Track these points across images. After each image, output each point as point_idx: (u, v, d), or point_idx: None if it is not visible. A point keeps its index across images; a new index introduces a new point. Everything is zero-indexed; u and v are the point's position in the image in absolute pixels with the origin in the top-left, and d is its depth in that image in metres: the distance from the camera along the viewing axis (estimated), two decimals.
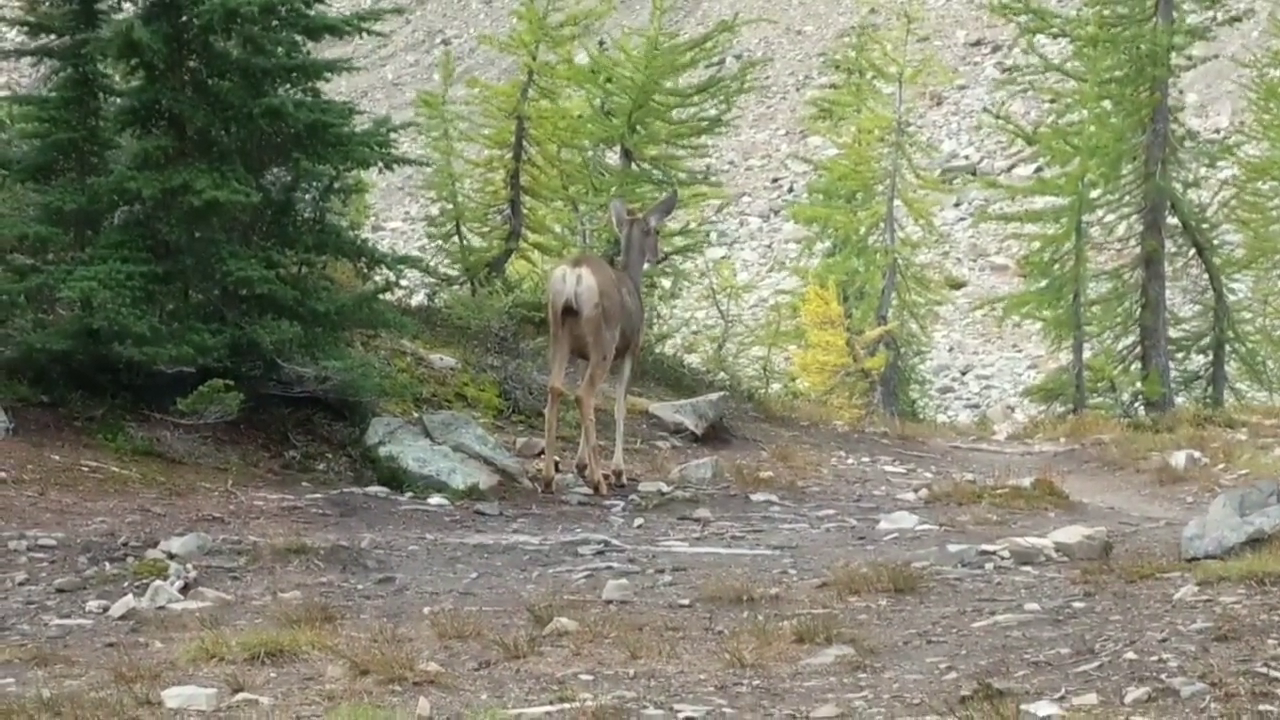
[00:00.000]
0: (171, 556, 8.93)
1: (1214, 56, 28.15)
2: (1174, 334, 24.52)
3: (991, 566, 8.43)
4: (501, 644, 6.81)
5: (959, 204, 41.57)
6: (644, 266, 13.04)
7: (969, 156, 44.78)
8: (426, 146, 20.96)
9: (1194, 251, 24.24)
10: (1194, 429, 16.41)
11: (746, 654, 6.52)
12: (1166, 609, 6.93)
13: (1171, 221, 23.91)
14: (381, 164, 12.62)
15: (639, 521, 10.82)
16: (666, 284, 22.64)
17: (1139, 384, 23.58)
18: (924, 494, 11.93)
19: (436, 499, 11.27)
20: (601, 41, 24.17)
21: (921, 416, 25.88)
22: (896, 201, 25.89)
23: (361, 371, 12.10)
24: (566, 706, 5.91)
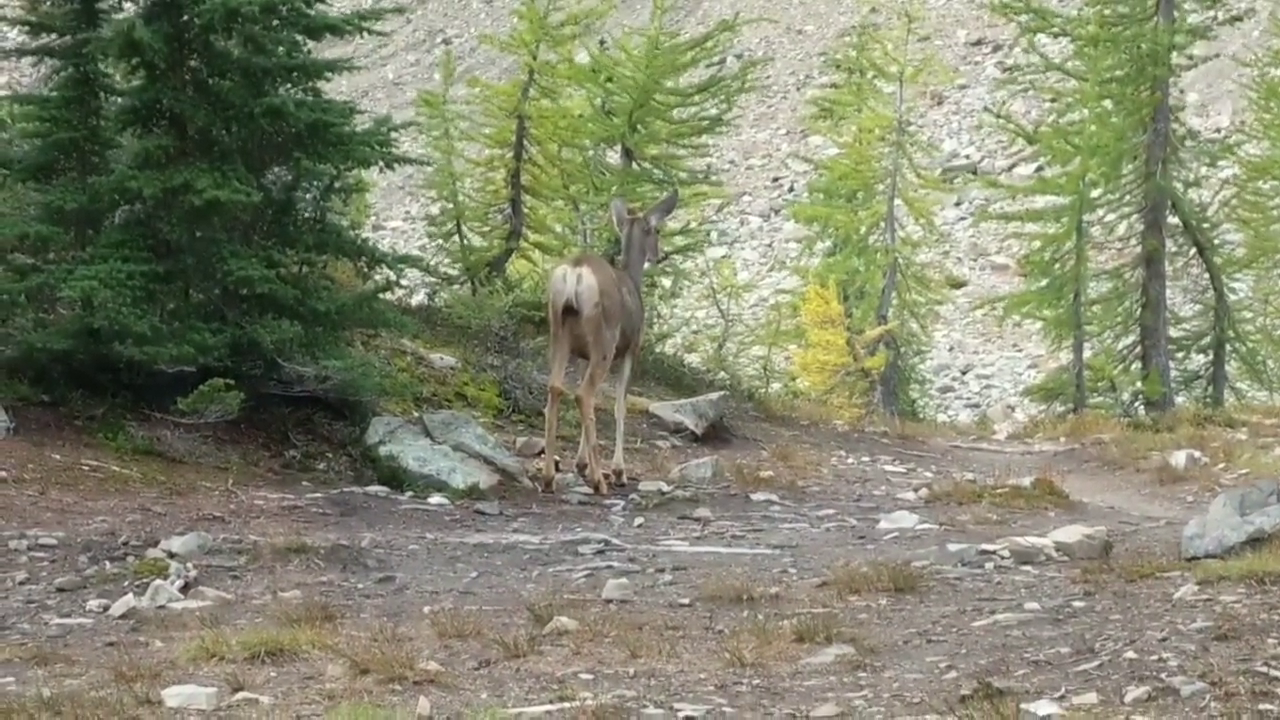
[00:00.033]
0: (172, 556, 8.94)
1: (1215, 56, 28.14)
2: (1174, 333, 24.50)
3: (991, 566, 8.43)
4: (501, 643, 6.82)
5: (959, 203, 41.57)
6: (644, 266, 13.04)
7: (970, 156, 44.78)
8: (427, 146, 20.96)
9: (1194, 251, 24.23)
10: (1194, 428, 16.41)
11: (746, 653, 6.52)
12: (1166, 608, 6.93)
13: (1172, 221, 23.89)
14: (382, 163, 12.63)
15: (639, 521, 10.82)
16: (667, 283, 22.64)
17: (1139, 383, 23.57)
18: (924, 493, 11.93)
19: (437, 498, 11.28)
20: (602, 41, 24.17)
21: (922, 416, 25.87)
22: (897, 201, 25.88)
23: (362, 371, 12.10)
24: (566, 706, 5.91)
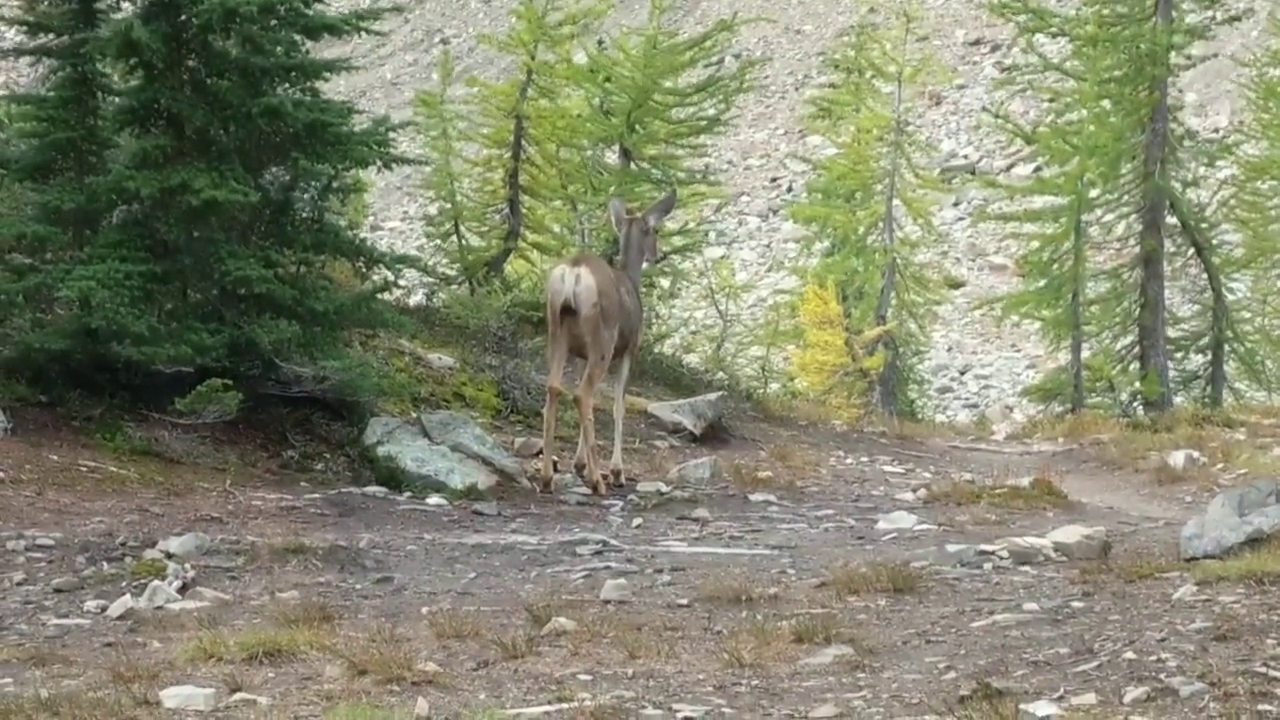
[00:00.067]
0: (169, 556, 8.93)
1: (1213, 56, 28.11)
2: (1173, 334, 24.50)
3: (990, 566, 8.42)
4: (500, 644, 6.81)
5: (958, 203, 41.58)
6: (643, 266, 13.03)
7: (968, 156, 44.79)
8: (425, 146, 20.96)
9: (1193, 251, 24.23)
10: (1193, 429, 16.40)
11: (745, 654, 6.52)
12: (1165, 609, 6.93)
13: (1170, 221, 23.89)
14: (380, 163, 12.62)
15: (637, 521, 10.82)
16: (665, 283, 22.63)
17: (1138, 384, 23.57)
18: (922, 494, 11.93)
19: (435, 499, 11.27)
20: (600, 41, 24.17)
21: (920, 416, 25.88)
22: (895, 201, 25.89)
23: (360, 371, 12.09)
24: (565, 706, 5.90)
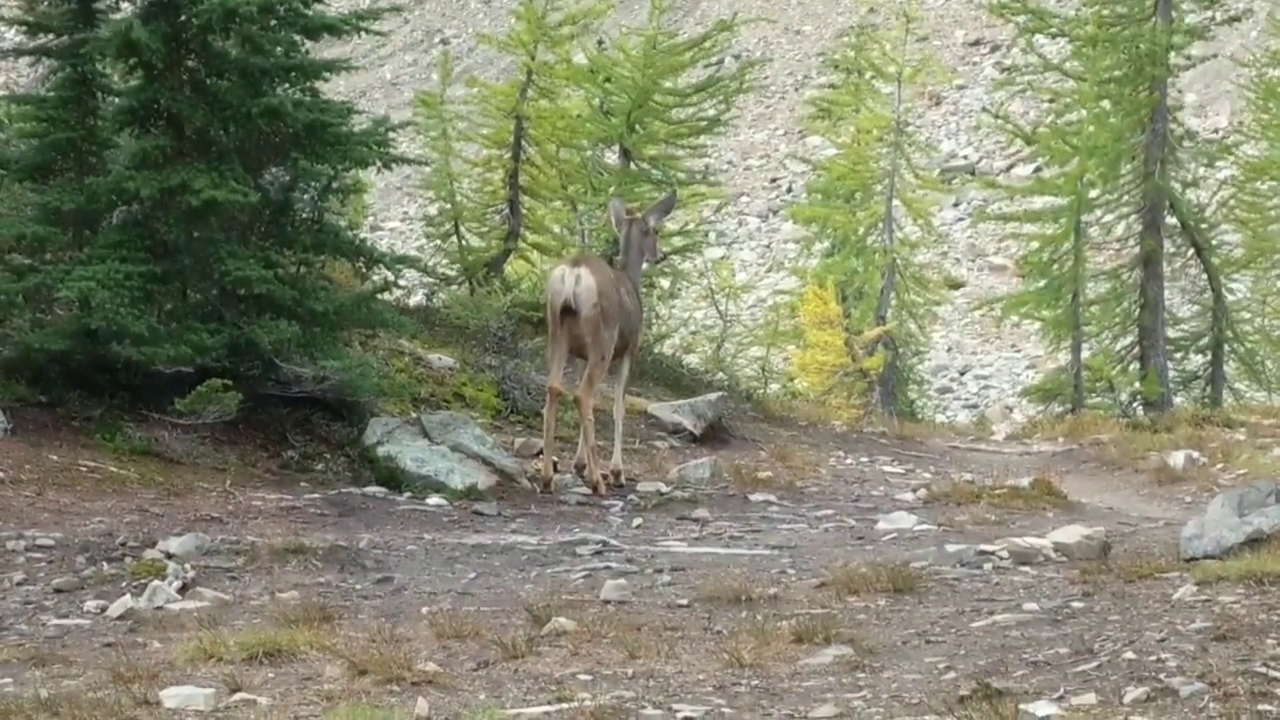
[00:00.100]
0: (169, 556, 8.93)
1: (1213, 56, 28.11)
2: (1172, 334, 24.51)
3: (990, 566, 8.42)
4: (500, 644, 6.81)
5: (958, 204, 41.58)
6: (643, 266, 13.03)
7: (968, 156, 44.79)
8: (425, 146, 20.95)
9: (1193, 251, 24.23)
10: (1192, 429, 16.40)
11: (745, 654, 6.52)
12: (1165, 609, 6.93)
13: (1170, 221, 23.90)
14: (380, 163, 12.62)
15: (637, 521, 10.82)
16: (665, 284, 22.63)
17: (1137, 384, 23.57)
18: (922, 494, 11.92)
19: (435, 499, 11.27)
20: (600, 41, 24.17)
21: (920, 416, 25.87)
22: (895, 201, 25.89)
23: (360, 371, 12.09)
24: (565, 706, 5.90)
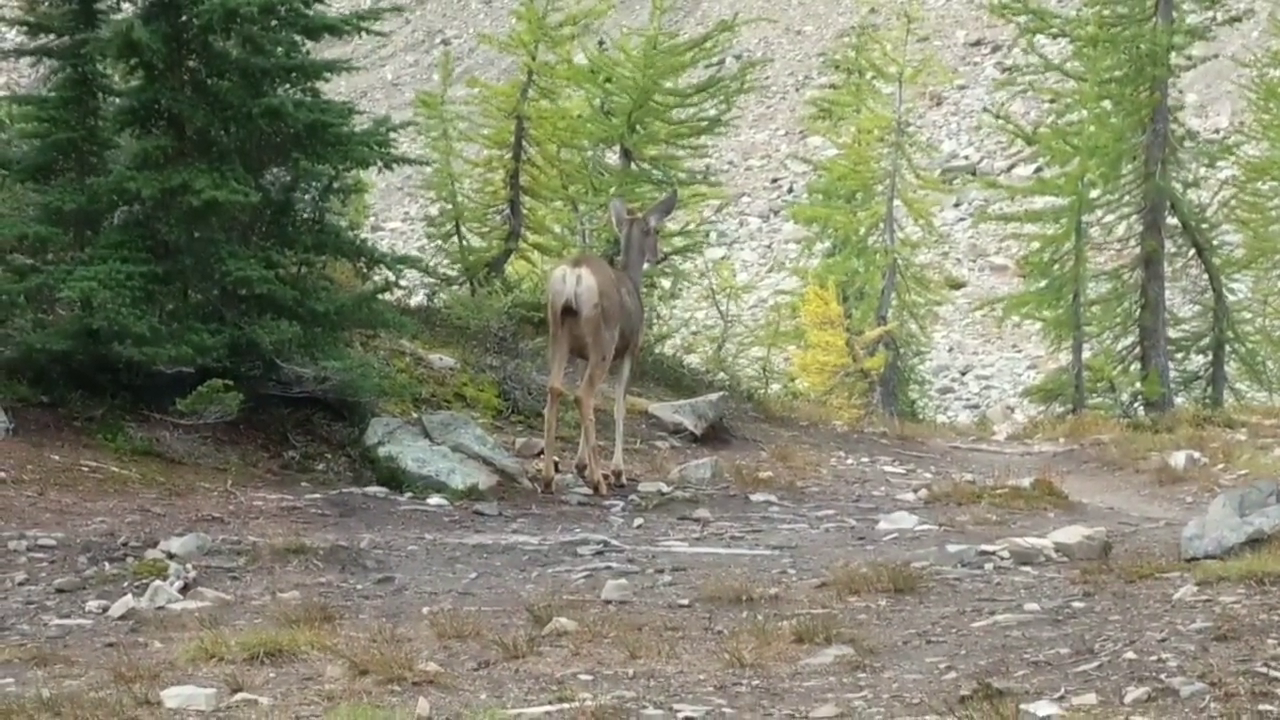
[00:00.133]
0: (171, 556, 8.94)
1: (1214, 56, 28.12)
2: (1173, 334, 24.51)
3: (991, 567, 8.42)
4: (501, 644, 6.81)
5: (959, 204, 41.58)
6: (644, 266, 13.03)
7: (969, 156, 44.79)
8: (426, 147, 20.95)
9: (1194, 252, 24.23)
10: (1193, 429, 16.40)
11: (746, 654, 6.52)
12: (1166, 609, 6.93)
13: (1171, 222, 23.90)
14: (381, 164, 12.62)
15: (638, 522, 10.82)
16: (666, 284, 22.64)
17: (1138, 384, 23.57)
18: (923, 494, 11.92)
19: (436, 499, 11.27)
20: (601, 41, 24.17)
21: (921, 417, 25.87)
22: (896, 202, 25.89)
23: (361, 372, 12.10)
24: (566, 706, 5.90)
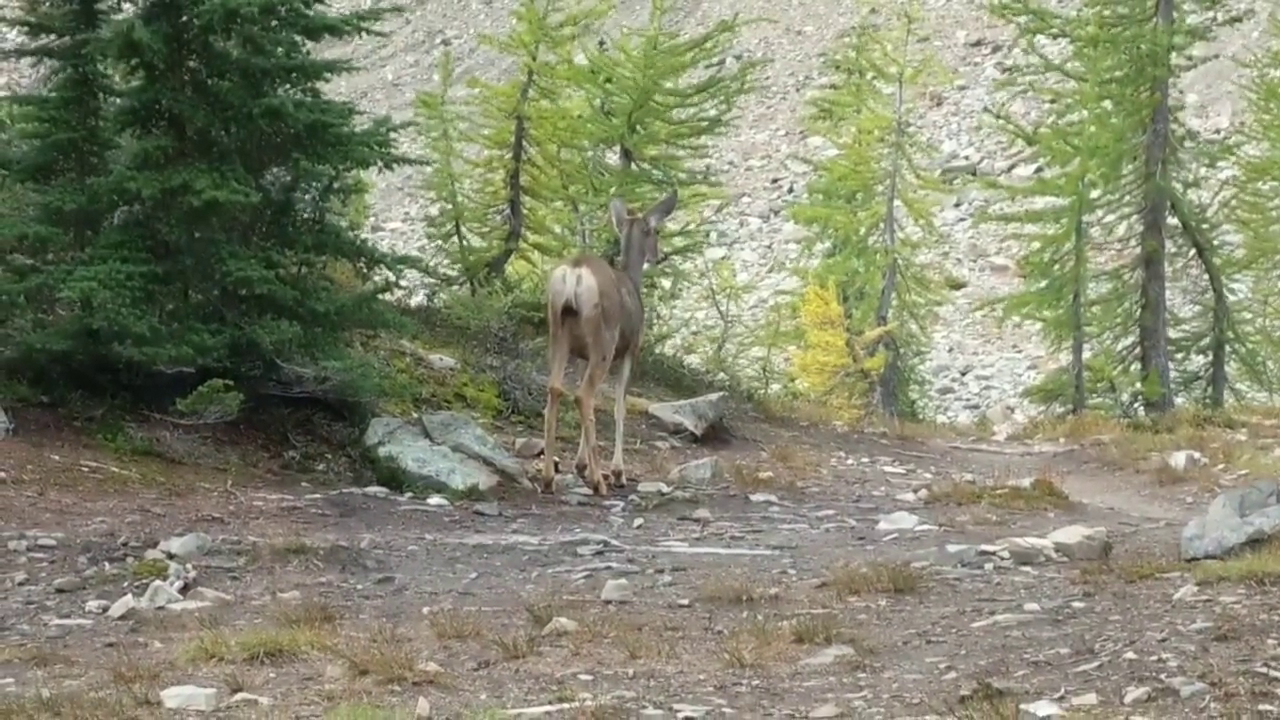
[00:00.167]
0: (171, 557, 8.94)
1: (1214, 57, 28.13)
2: (1174, 334, 24.50)
3: (991, 567, 8.42)
4: (501, 644, 6.81)
5: (959, 204, 41.58)
6: (644, 267, 13.03)
7: (969, 157, 44.79)
8: (426, 147, 20.94)
9: (1194, 252, 24.23)
10: (1194, 429, 16.40)
11: (746, 654, 6.52)
12: (1166, 609, 6.93)
13: (1171, 222, 23.89)
14: (381, 164, 12.62)
15: (638, 522, 10.82)
16: (666, 284, 22.64)
17: (1139, 384, 23.56)
18: (923, 494, 11.92)
19: (436, 499, 11.27)
20: (601, 42, 24.17)
21: (921, 417, 25.87)
22: (896, 202, 25.89)
23: (361, 372, 12.10)
24: (566, 706, 5.90)
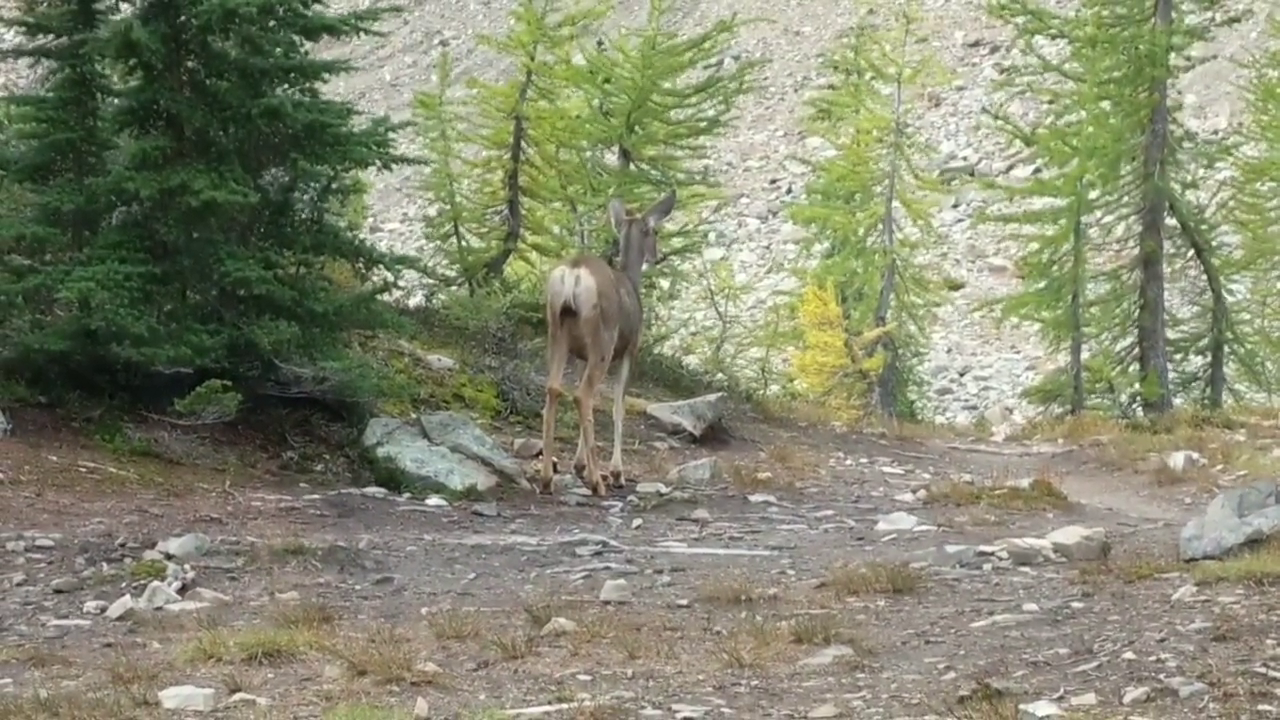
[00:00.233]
0: (169, 557, 8.93)
1: (1213, 57, 28.19)
2: (1172, 335, 24.52)
3: (990, 567, 8.42)
4: (499, 644, 6.81)
5: (957, 205, 41.59)
6: (642, 267, 13.03)
7: (967, 157, 44.81)
8: (424, 147, 20.94)
9: (1192, 252, 24.24)
10: (1192, 430, 16.40)
11: (745, 654, 6.51)
12: (1165, 609, 6.93)
13: (1170, 222, 23.91)
14: (379, 164, 12.62)
15: (637, 522, 10.82)
16: (665, 285, 22.64)
17: (1137, 385, 23.57)
18: (922, 495, 11.92)
19: (434, 500, 11.27)
20: (600, 42, 24.17)
21: (919, 417, 25.88)
22: (895, 202, 25.91)
23: (359, 372, 12.09)
24: (564, 707, 5.90)
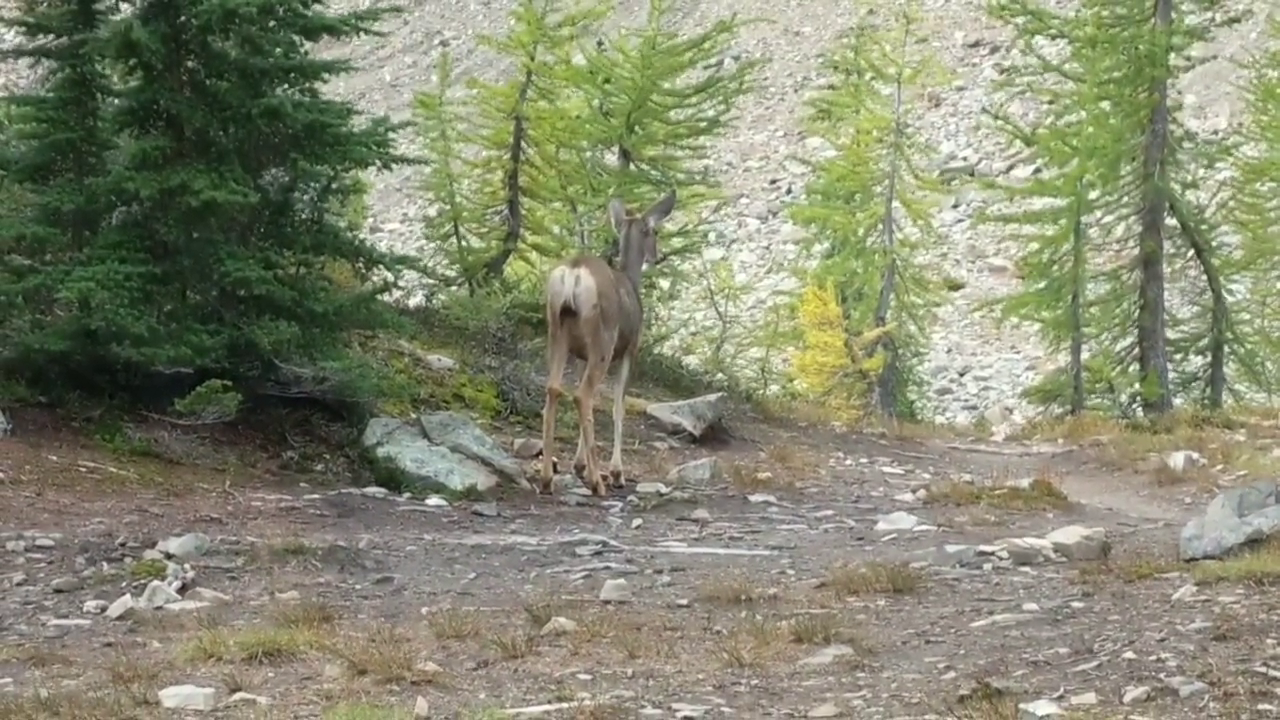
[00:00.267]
0: (169, 557, 8.94)
1: (1212, 57, 28.18)
2: (1172, 335, 24.52)
3: (990, 567, 8.42)
4: (499, 644, 6.81)
5: (957, 205, 41.60)
6: (642, 267, 13.03)
7: (967, 157, 44.81)
8: (424, 147, 20.95)
9: (1192, 252, 24.25)
10: (1192, 430, 16.41)
11: (745, 654, 6.52)
12: (1165, 609, 6.93)
13: (1170, 222, 23.92)
14: (379, 164, 12.62)
15: (637, 522, 10.82)
16: (665, 285, 22.65)
17: (1137, 385, 23.58)
18: (922, 495, 11.92)
19: (434, 499, 11.27)
20: (600, 42, 24.18)
21: (919, 417, 25.89)
22: (895, 202, 25.91)
23: (359, 372, 12.09)
24: (564, 706, 5.90)
